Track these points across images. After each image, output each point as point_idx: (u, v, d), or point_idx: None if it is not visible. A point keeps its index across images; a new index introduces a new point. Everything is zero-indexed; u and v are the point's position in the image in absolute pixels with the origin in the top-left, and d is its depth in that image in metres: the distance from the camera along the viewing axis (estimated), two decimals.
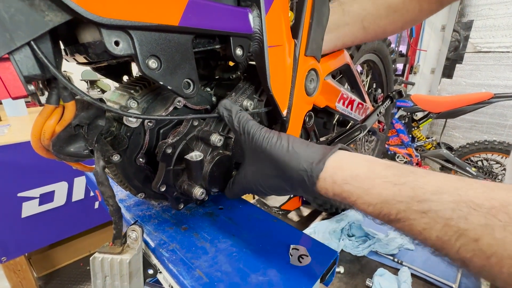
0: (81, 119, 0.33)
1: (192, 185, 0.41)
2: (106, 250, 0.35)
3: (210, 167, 0.41)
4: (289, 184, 0.35)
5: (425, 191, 0.26)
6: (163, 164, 0.39)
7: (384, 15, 0.55)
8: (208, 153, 0.43)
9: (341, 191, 0.30)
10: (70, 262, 1.68)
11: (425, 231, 0.25)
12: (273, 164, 0.35)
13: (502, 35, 2.52)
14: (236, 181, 0.41)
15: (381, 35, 0.60)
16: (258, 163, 0.37)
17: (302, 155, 0.33)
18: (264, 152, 0.35)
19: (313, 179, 0.32)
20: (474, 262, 0.23)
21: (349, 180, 0.30)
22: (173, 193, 0.44)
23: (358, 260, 0.86)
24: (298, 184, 0.33)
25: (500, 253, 0.21)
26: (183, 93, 0.35)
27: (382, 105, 0.81)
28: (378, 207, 0.28)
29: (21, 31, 0.24)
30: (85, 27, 0.30)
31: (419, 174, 0.28)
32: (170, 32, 0.31)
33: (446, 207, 0.24)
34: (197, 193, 0.40)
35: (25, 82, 0.26)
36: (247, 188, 0.40)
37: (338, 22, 0.56)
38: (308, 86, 0.51)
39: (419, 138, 2.38)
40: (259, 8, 0.38)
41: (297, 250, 0.43)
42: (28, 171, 1.27)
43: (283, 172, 0.34)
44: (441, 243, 0.25)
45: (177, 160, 0.40)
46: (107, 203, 0.33)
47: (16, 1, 0.23)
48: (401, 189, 0.27)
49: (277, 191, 0.38)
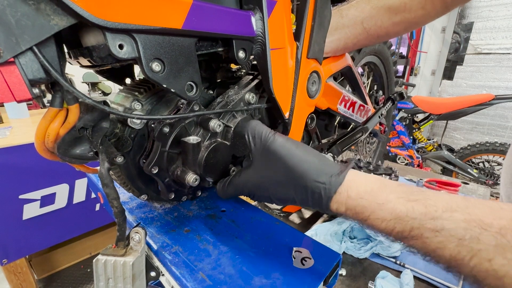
0: (85, 122, 0.33)
1: (186, 171, 0.40)
2: (109, 252, 0.35)
3: (207, 153, 0.40)
4: (301, 194, 0.33)
5: (437, 208, 0.26)
6: (158, 144, 0.38)
7: (386, 18, 0.55)
8: (206, 138, 0.42)
9: (355, 205, 0.30)
10: (70, 264, 1.67)
11: (439, 250, 0.25)
12: (287, 171, 0.33)
13: (502, 36, 2.52)
14: (234, 182, 0.39)
15: (385, 37, 0.59)
16: (268, 168, 0.35)
17: (320, 166, 0.33)
18: (279, 157, 0.34)
19: (330, 192, 0.31)
20: (488, 281, 0.24)
21: (364, 195, 0.30)
22: (165, 178, 0.43)
23: (360, 262, 0.86)
24: (311, 195, 0.33)
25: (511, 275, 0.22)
26: (186, 95, 0.35)
27: (383, 107, 0.81)
28: (392, 223, 0.28)
29: (27, 35, 0.24)
30: (89, 30, 0.31)
31: (429, 193, 0.28)
32: (174, 35, 0.31)
33: (458, 226, 0.25)
34: (190, 179, 0.39)
35: (30, 86, 0.26)
36: (247, 192, 0.39)
37: (336, 24, 0.56)
38: (310, 88, 0.52)
39: (420, 139, 2.38)
40: (262, 11, 0.38)
41: (300, 252, 0.43)
42: (30, 173, 1.27)
43: (298, 181, 0.33)
44: (454, 261, 0.25)
45: (173, 144, 0.40)
46: (112, 205, 0.33)
47: (23, 5, 0.23)
48: (414, 206, 0.27)
49: (282, 200, 0.36)
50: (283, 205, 0.41)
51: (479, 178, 2.09)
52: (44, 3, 0.24)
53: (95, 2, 0.25)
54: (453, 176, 2.22)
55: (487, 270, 0.23)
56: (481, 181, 2.08)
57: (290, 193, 0.34)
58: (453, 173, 2.22)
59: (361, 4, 0.56)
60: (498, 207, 0.25)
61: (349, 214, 0.31)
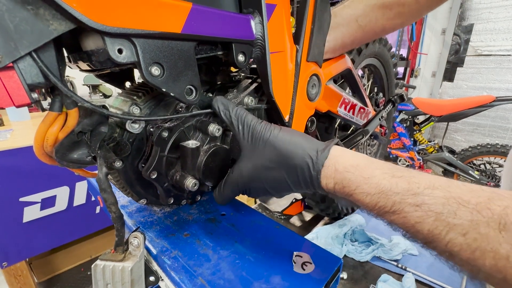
0: (84, 126, 0.33)
1: (185, 176, 0.40)
2: (108, 257, 0.35)
3: (206, 157, 0.40)
4: (292, 175, 0.34)
5: (419, 185, 0.27)
6: (157, 149, 0.38)
7: (380, 14, 0.55)
8: (205, 143, 0.42)
9: (342, 178, 0.31)
10: (70, 267, 1.67)
11: (418, 225, 0.27)
12: (276, 155, 0.34)
13: (502, 38, 2.52)
14: (228, 181, 0.39)
15: (381, 32, 0.59)
16: (258, 156, 0.36)
17: (306, 144, 0.34)
18: (266, 143, 0.35)
19: (318, 166, 0.32)
20: (461, 255, 0.25)
21: (350, 168, 0.31)
22: (164, 183, 0.43)
23: (362, 265, 0.85)
24: (301, 173, 0.33)
25: (484, 247, 0.23)
26: (185, 99, 0.35)
27: (384, 110, 0.80)
28: (376, 197, 0.29)
29: (26, 40, 0.24)
30: (88, 34, 0.30)
31: (414, 172, 0.30)
32: (173, 39, 0.31)
33: (438, 201, 0.26)
34: (189, 184, 0.39)
35: (28, 90, 0.26)
36: (242, 187, 0.38)
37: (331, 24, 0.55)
38: (310, 91, 0.51)
39: (421, 141, 2.37)
40: (261, 15, 0.38)
41: (301, 257, 0.43)
42: (30, 176, 1.27)
43: (287, 161, 0.34)
44: (431, 236, 0.26)
45: (172, 148, 0.39)
46: (110, 210, 0.33)
47: (21, 10, 0.23)
48: (398, 182, 0.28)
49: (276, 189, 0.37)
50: (280, 196, 0.40)
51: (480, 180, 2.08)
52: (43, 8, 0.24)
53: (94, 7, 0.25)
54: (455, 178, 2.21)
55: (461, 244, 0.24)
56: (482, 183, 2.07)
57: (283, 177, 0.35)
58: (455, 175, 2.21)
59: (354, 3, 0.57)
60: (479, 189, 0.26)
61: (337, 189, 0.32)
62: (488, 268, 0.24)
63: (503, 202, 0.24)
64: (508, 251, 0.23)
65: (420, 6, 0.54)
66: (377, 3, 0.55)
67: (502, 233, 0.23)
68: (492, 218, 0.23)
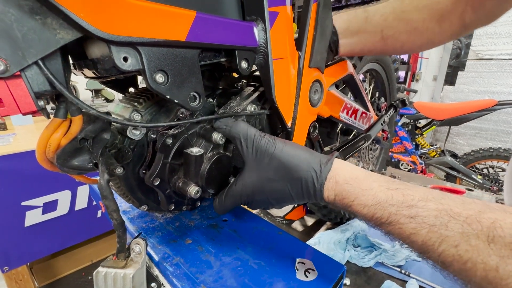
0: (87, 133, 0.33)
1: (188, 183, 0.40)
2: (109, 264, 0.35)
3: (209, 165, 0.40)
4: (296, 188, 0.35)
5: (413, 197, 0.29)
6: (160, 156, 0.38)
7: (403, 30, 0.55)
8: (208, 150, 0.42)
9: (342, 190, 0.33)
10: (71, 271, 1.66)
11: (412, 236, 0.28)
12: (281, 168, 0.35)
13: (503, 42, 2.53)
14: (231, 193, 0.40)
15: (399, 49, 0.60)
16: (262, 169, 0.36)
17: (310, 158, 0.35)
18: (271, 157, 0.36)
19: (322, 179, 0.34)
20: (454, 266, 0.26)
21: (349, 180, 0.33)
22: (166, 190, 0.42)
23: (365, 271, 0.84)
24: (305, 186, 0.34)
25: (474, 258, 0.25)
26: (189, 106, 0.35)
27: (386, 114, 0.80)
28: (372, 209, 0.31)
29: (33, 49, 0.24)
30: (93, 42, 0.31)
31: (408, 186, 0.31)
32: (177, 47, 0.31)
33: (431, 214, 0.27)
34: (192, 192, 0.39)
35: (35, 98, 0.26)
36: (245, 199, 0.39)
37: (358, 28, 0.57)
38: (312, 97, 0.52)
39: (423, 145, 2.37)
40: (264, 22, 0.39)
41: (303, 264, 0.42)
42: (32, 180, 1.28)
43: (292, 174, 0.35)
44: (426, 247, 0.27)
45: (175, 155, 0.39)
46: (111, 217, 0.33)
47: (30, 20, 0.24)
48: (393, 194, 0.30)
49: (279, 200, 0.37)
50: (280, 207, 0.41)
51: (483, 184, 2.06)
52: (50, 18, 0.24)
53: (100, 17, 0.25)
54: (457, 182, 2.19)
55: (453, 255, 0.26)
56: (485, 187, 2.06)
57: (286, 189, 0.36)
58: (457, 179, 2.20)
59: (386, 11, 0.56)
60: (471, 201, 0.27)
61: (337, 200, 0.33)
62: (479, 279, 0.25)
63: (492, 215, 0.25)
64: (497, 262, 0.24)
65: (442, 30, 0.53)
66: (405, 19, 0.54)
67: (491, 245, 0.24)
68: (482, 231, 0.25)
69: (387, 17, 0.56)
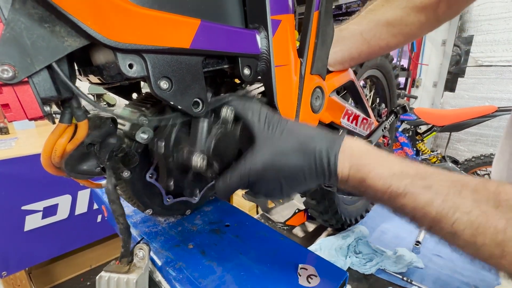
0: (93, 138, 0.34)
1: (193, 151, 0.38)
2: (112, 269, 0.35)
3: (217, 137, 0.38)
4: (309, 160, 0.34)
5: (426, 171, 0.31)
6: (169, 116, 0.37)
7: (384, 30, 0.58)
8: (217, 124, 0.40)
9: (358, 162, 0.33)
10: (70, 277, 1.65)
11: (427, 206, 0.29)
12: (294, 141, 0.35)
13: (502, 49, 2.55)
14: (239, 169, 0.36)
15: (386, 48, 0.62)
16: (275, 143, 0.35)
17: (322, 132, 0.36)
18: (284, 130, 0.35)
19: (336, 148, 0.34)
20: (465, 234, 0.27)
21: (365, 153, 0.33)
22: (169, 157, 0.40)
23: (366, 278, 0.84)
24: (319, 158, 0.33)
25: (484, 223, 0.26)
26: (192, 112, 0.35)
27: (386, 121, 0.81)
28: (388, 180, 0.31)
29: (42, 56, 0.25)
30: (98, 49, 0.31)
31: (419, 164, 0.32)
32: (182, 54, 0.32)
33: (444, 184, 0.29)
34: (197, 160, 0.36)
35: (41, 104, 0.27)
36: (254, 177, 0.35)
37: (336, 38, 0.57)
38: (314, 103, 0.52)
39: (424, 151, 2.37)
40: (267, 30, 0.39)
41: (306, 269, 0.42)
42: (33, 184, 1.28)
43: (307, 145, 0.34)
44: (439, 217, 0.28)
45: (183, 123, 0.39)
46: (118, 221, 0.33)
47: (39, 28, 0.24)
48: (407, 167, 0.31)
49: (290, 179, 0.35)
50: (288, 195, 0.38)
51: None
52: (59, 26, 0.25)
53: (107, 25, 0.26)
54: None
55: (466, 222, 0.27)
56: None
57: (299, 164, 0.34)
58: None
59: (358, 20, 0.60)
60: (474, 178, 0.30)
61: (351, 174, 0.33)
62: (489, 243, 0.26)
63: (495, 184, 0.28)
64: (504, 224, 0.25)
65: (421, 26, 0.57)
66: (380, 20, 0.57)
67: (499, 208, 0.26)
68: (489, 197, 0.27)
69: (361, 22, 0.59)
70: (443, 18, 0.57)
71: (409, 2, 0.55)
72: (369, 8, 0.60)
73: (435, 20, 0.57)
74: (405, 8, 0.55)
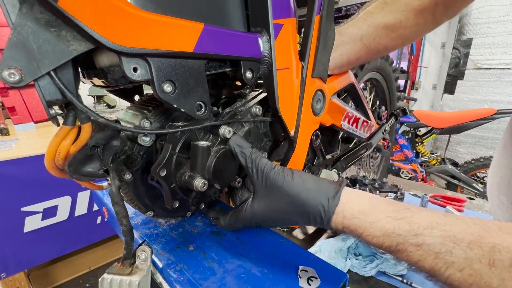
0: (97, 140, 0.34)
1: (194, 176, 0.39)
2: (115, 271, 0.35)
3: (216, 158, 0.39)
4: (304, 219, 0.37)
5: (419, 226, 0.31)
6: (168, 146, 0.38)
7: (383, 34, 0.58)
8: (215, 144, 0.42)
9: (350, 224, 0.35)
10: (69, 279, 1.64)
11: (420, 262, 0.30)
12: (290, 202, 0.37)
13: (501, 52, 2.56)
14: (240, 217, 0.41)
15: (384, 51, 0.63)
16: (271, 200, 0.38)
17: (318, 191, 0.36)
18: (280, 189, 0.37)
19: (329, 214, 0.35)
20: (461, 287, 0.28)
21: (357, 214, 0.34)
22: (172, 184, 0.42)
23: (366, 280, 0.84)
24: (313, 219, 0.36)
25: (478, 281, 0.27)
26: (195, 115, 0.36)
27: (387, 123, 0.81)
28: (381, 239, 0.33)
29: (47, 60, 0.25)
30: (102, 52, 0.32)
31: (414, 211, 0.33)
32: (185, 58, 0.32)
33: (436, 241, 0.30)
34: (198, 184, 0.38)
35: (47, 107, 0.27)
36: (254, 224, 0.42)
37: (336, 42, 0.58)
38: (315, 106, 0.53)
39: (423, 153, 2.37)
40: (269, 33, 0.40)
41: (306, 271, 0.42)
42: (33, 185, 1.27)
43: (301, 208, 0.36)
44: (433, 272, 0.30)
45: (182, 148, 0.39)
46: (121, 223, 0.34)
47: (45, 32, 0.25)
48: (400, 224, 0.32)
49: (286, 224, 0.40)
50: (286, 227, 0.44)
51: (484, 193, 2.06)
52: (65, 30, 0.25)
53: (113, 29, 0.26)
54: (458, 190, 2.19)
55: (459, 279, 0.28)
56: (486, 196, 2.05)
57: (295, 219, 0.38)
58: (458, 187, 2.19)
59: (357, 23, 0.60)
60: (472, 223, 0.30)
61: (346, 231, 0.35)
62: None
63: (491, 240, 0.28)
64: (498, 284, 0.26)
65: (420, 28, 0.58)
66: (380, 24, 0.58)
67: (492, 268, 0.27)
68: (483, 256, 0.27)
69: (361, 27, 0.59)
70: (441, 20, 0.58)
71: (408, 6, 0.56)
72: (368, 10, 0.61)
73: (433, 22, 0.58)
74: (404, 11, 0.56)
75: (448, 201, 1.12)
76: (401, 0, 0.57)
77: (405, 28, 0.58)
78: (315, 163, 0.62)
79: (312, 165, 0.59)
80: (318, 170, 0.57)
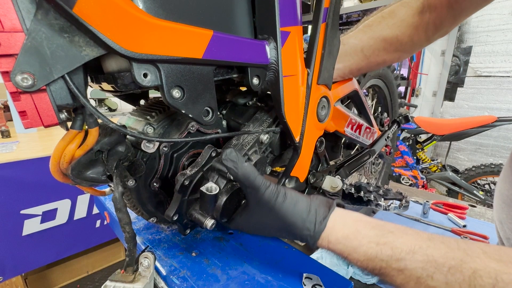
0: (103, 145, 0.34)
1: (204, 216, 0.40)
2: (117, 278, 0.35)
3: (224, 200, 0.39)
4: (292, 237, 0.39)
5: (401, 250, 0.32)
6: (179, 195, 0.39)
7: (381, 47, 0.60)
8: (223, 185, 0.41)
9: (335, 249, 0.36)
10: (66, 283, 1.62)
11: (403, 285, 0.32)
12: (279, 222, 0.38)
13: (501, 60, 2.58)
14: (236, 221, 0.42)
15: (382, 64, 0.65)
16: (263, 217, 0.39)
17: (305, 216, 0.37)
18: (271, 210, 0.37)
19: (315, 239, 0.37)
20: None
21: (341, 240, 0.36)
22: (183, 220, 0.43)
23: None
24: (300, 239, 0.38)
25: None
26: (202, 120, 0.36)
27: (389, 130, 0.81)
28: (365, 263, 0.34)
29: (60, 65, 0.25)
30: (111, 57, 0.32)
31: (397, 235, 0.34)
32: (194, 64, 0.33)
33: (417, 266, 0.30)
34: (208, 224, 0.39)
35: (57, 111, 0.27)
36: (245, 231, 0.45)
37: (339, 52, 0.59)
38: (320, 113, 0.53)
39: (424, 160, 2.37)
40: (276, 41, 0.40)
41: (311, 279, 0.42)
42: (33, 188, 1.27)
43: (289, 229, 0.38)
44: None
45: (192, 190, 0.40)
46: (124, 230, 0.33)
47: (59, 38, 0.25)
48: (382, 249, 0.33)
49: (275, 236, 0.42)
50: None
51: (485, 200, 2.05)
52: (78, 36, 0.25)
53: (125, 35, 0.26)
54: (459, 198, 2.18)
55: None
56: (488, 204, 2.04)
57: (284, 235, 0.40)
58: (459, 194, 2.18)
59: (358, 35, 0.62)
60: (456, 247, 0.30)
61: (332, 252, 0.37)
62: None
63: (473, 265, 0.28)
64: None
65: (414, 44, 0.60)
66: (380, 37, 0.59)
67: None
68: (464, 281, 0.28)
69: (362, 38, 0.61)
70: (433, 38, 0.60)
71: (403, 22, 0.58)
72: (366, 23, 0.62)
73: (426, 39, 0.60)
74: (400, 27, 0.58)
75: (450, 208, 1.12)
76: (397, 16, 0.59)
77: (401, 44, 0.60)
78: (319, 169, 0.61)
79: (316, 171, 0.59)
80: (322, 176, 0.57)
